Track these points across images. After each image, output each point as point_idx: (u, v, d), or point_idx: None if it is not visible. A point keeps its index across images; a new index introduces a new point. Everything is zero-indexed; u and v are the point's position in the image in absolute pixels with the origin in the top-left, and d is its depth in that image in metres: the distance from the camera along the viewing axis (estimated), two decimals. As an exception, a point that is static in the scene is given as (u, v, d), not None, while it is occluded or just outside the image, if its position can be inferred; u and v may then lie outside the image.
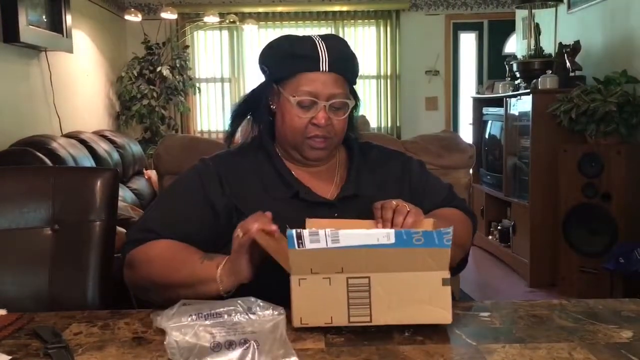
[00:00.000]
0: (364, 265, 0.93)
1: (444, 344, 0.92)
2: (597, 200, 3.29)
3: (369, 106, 6.13)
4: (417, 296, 0.95)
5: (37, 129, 3.43)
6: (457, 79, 6.34)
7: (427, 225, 1.07)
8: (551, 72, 3.71)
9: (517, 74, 4.08)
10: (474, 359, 0.87)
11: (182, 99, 5.46)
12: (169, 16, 5.17)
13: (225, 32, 5.98)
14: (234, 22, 5.38)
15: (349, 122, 1.29)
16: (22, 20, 3.16)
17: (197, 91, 5.77)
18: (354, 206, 1.22)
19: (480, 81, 6.06)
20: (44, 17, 3.52)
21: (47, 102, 3.76)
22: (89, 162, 3.34)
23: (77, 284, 1.31)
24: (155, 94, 5.18)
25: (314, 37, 1.21)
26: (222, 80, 6.04)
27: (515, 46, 5.43)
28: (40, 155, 2.82)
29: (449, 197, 1.36)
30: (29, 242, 1.33)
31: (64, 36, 3.71)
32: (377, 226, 1.06)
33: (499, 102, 4.20)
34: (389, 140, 2.77)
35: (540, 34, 4.07)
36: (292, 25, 5.97)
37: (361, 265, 0.93)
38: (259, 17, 5.85)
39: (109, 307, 1.22)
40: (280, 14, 5.96)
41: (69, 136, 3.57)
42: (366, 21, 6.07)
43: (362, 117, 5.19)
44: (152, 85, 5.20)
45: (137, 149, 4.37)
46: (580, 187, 3.33)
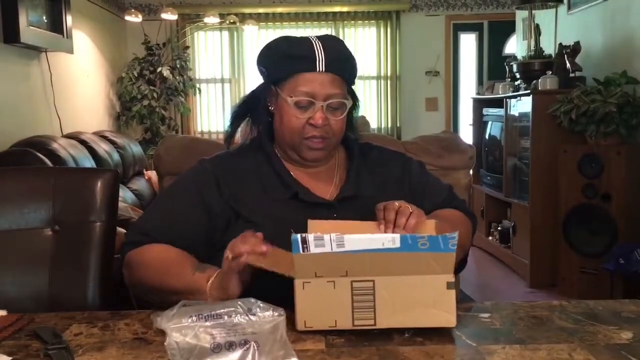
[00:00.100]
0: (369, 269, 0.93)
1: (444, 345, 0.92)
2: (597, 200, 3.29)
3: (369, 107, 6.13)
4: (422, 300, 0.95)
5: (38, 130, 3.43)
6: (457, 80, 6.34)
7: (429, 226, 1.07)
8: (551, 72, 3.71)
9: (517, 75, 4.08)
10: (474, 360, 0.87)
11: (183, 99, 5.46)
12: (170, 17, 5.17)
13: (225, 33, 5.98)
14: (234, 22, 5.39)
15: (348, 123, 1.29)
16: (23, 20, 3.16)
17: (198, 92, 5.78)
18: (353, 207, 1.21)
19: (480, 82, 6.06)
20: (44, 18, 3.53)
21: (48, 103, 3.76)
22: (89, 162, 3.35)
23: (77, 284, 1.31)
24: (155, 95, 5.18)
25: (311, 38, 1.21)
26: (223, 80, 6.04)
27: (515, 47, 5.43)
28: (40, 155, 2.82)
29: (448, 197, 1.36)
30: (30, 243, 1.33)
31: (64, 37, 3.71)
32: (380, 227, 1.06)
33: (499, 102, 4.20)
34: (389, 140, 2.77)
35: (540, 35, 4.07)
36: (292, 26, 5.98)
37: (366, 269, 0.93)
38: (259, 18, 5.86)
39: (109, 307, 1.22)
40: (280, 14, 5.96)
41: (70, 137, 3.57)
42: (366, 22, 6.07)
43: (362, 118, 5.19)
44: (152, 85, 5.20)
45: (137, 149, 4.37)
46: (580, 188, 3.33)
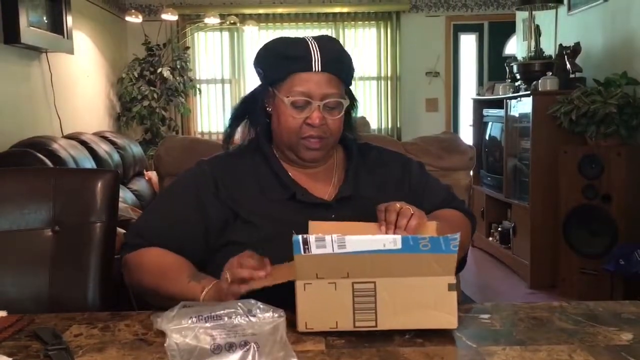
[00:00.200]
0: (370, 270, 0.93)
1: (445, 346, 0.92)
2: (598, 201, 3.29)
3: (369, 107, 6.13)
4: (423, 301, 0.94)
5: (38, 130, 3.43)
6: (457, 81, 6.34)
7: (430, 227, 1.07)
8: (551, 73, 3.71)
9: (518, 76, 4.08)
10: (474, 361, 0.87)
11: (183, 100, 5.46)
12: (170, 17, 5.17)
13: (225, 34, 5.99)
14: (234, 23, 5.39)
15: (347, 123, 1.29)
16: (23, 21, 3.16)
17: (198, 92, 5.78)
18: (352, 207, 1.22)
19: (480, 83, 6.06)
20: (45, 19, 3.53)
21: (48, 103, 3.76)
22: (89, 163, 3.35)
23: (77, 285, 1.31)
24: (155, 95, 5.18)
25: (306, 39, 1.21)
26: (223, 81, 6.04)
27: (515, 48, 5.43)
28: (41, 156, 2.82)
29: (448, 198, 1.36)
30: (30, 244, 1.33)
31: (64, 37, 3.72)
32: (380, 229, 1.06)
33: (499, 103, 4.20)
34: (389, 141, 2.77)
35: (540, 36, 4.07)
36: (293, 26, 5.98)
37: (367, 270, 0.93)
38: (259, 19, 5.86)
39: (109, 308, 1.22)
40: (280, 15, 5.96)
41: (70, 137, 3.57)
42: (366, 23, 6.07)
43: (362, 119, 5.19)
44: (152, 86, 5.21)
45: (137, 150, 4.37)
46: (580, 189, 3.33)
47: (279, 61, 1.21)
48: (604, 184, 3.27)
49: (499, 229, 4.27)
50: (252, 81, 5.79)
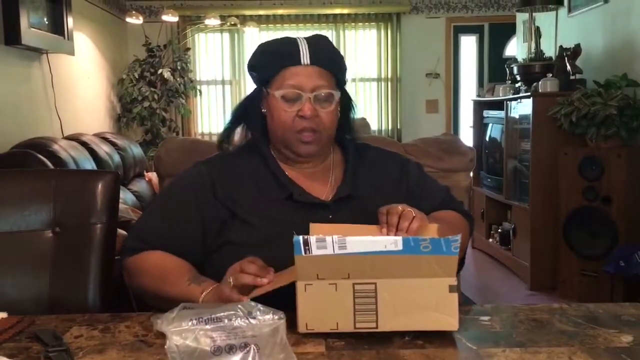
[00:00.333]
0: (371, 271, 0.93)
1: (445, 348, 0.92)
2: (598, 203, 3.29)
3: (369, 109, 6.14)
4: (424, 303, 0.94)
5: (38, 131, 3.43)
6: (457, 82, 6.34)
7: (431, 230, 1.07)
8: (552, 75, 3.71)
9: (518, 77, 4.08)
10: (474, 363, 0.87)
11: (183, 101, 5.46)
12: (170, 19, 5.18)
13: (226, 35, 5.99)
14: (235, 24, 5.39)
15: (345, 124, 1.31)
16: (24, 22, 3.16)
17: (198, 93, 5.78)
18: (350, 207, 1.22)
19: (480, 84, 6.06)
20: (45, 20, 3.53)
21: (48, 105, 3.76)
22: (90, 164, 3.35)
23: (77, 286, 1.31)
24: (156, 96, 5.18)
25: (296, 37, 1.25)
26: (223, 82, 6.05)
27: (515, 49, 5.43)
28: (41, 157, 2.82)
29: (446, 199, 1.37)
30: (30, 245, 1.33)
31: (65, 38, 3.72)
32: (382, 231, 1.06)
33: (499, 105, 4.20)
34: (389, 142, 2.77)
35: (540, 37, 4.07)
36: (293, 27, 5.99)
37: (368, 271, 0.93)
38: (259, 20, 5.87)
39: (109, 309, 1.22)
40: (281, 16, 5.97)
41: (70, 138, 3.57)
42: (367, 24, 6.07)
43: (363, 120, 5.19)
44: (153, 87, 5.21)
45: (138, 151, 4.37)
46: (580, 190, 3.33)
47: (269, 59, 1.24)
48: (604, 185, 3.27)
49: (499, 231, 4.27)
50: (252, 82, 5.78)
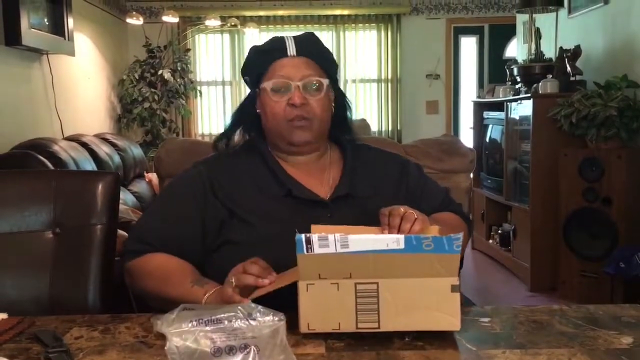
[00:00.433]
0: (373, 270, 0.93)
1: (445, 349, 0.92)
2: (598, 204, 3.29)
3: (369, 110, 6.14)
4: (426, 303, 0.94)
5: (39, 132, 3.43)
6: (457, 83, 6.35)
7: (433, 232, 1.07)
8: (552, 76, 3.71)
9: (518, 78, 4.08)
10: (474, 365, 0.87)
11: (183, 102, 5.46)
12: (171, 19, 5.18)
13: (226, 36, 6.00)
14: (235, 25, 5.39)
15: (342, 123, 1.33)
16: (24, 23, 3.16)
17: (198, 94, 5.78)
18: (348, 206, 1.23)
19: (480, 85, 6.06)
20: (46, 20, 3.53)
21: (49, 105, 3.76)
22: (90, 165, 3.35)
23: (78, 287, 1.31)
24: (156, 97, 5.18)
25: (284, 35, 1.29)
26: (224, 83, 6.05)
27: (515, 50, 5.43)
28: (41, 158, 2.82)
29: (446, 201, 1.38)
30: (30, 246, 1.33)
31: (65, 39, 3.72)
32: (383, 232, 1.06)
33: (499, 106, 4.20)
34: (389, 144, 2.78)
35: (540, 38, 4.07)
36: (293, 28, 5.99)
37: (370, 270, 0.93)
38: (260, 21, 5.87)
39: (110, 310, 1.22)
40: (281, 17, 5.97)
41: (70, 139, 3.57)
42: (367, 25, 6.08)
43: (363, 121, 5.20)
44: (153, 88, 5.21)
45: (138, 152, 4.37)
46: (580, 192, 3.33)
47: (259, 57, 1.28)
48: (604, 186, 3.27)
49: (499, 232, 4.27)
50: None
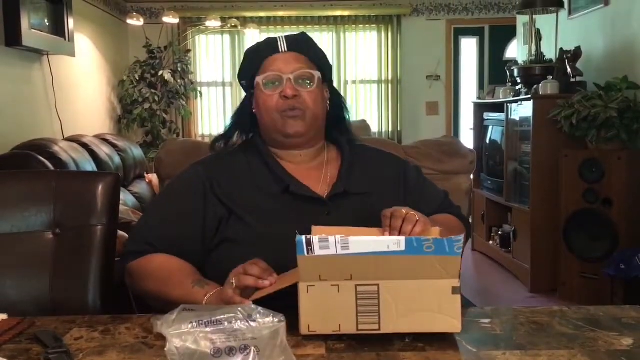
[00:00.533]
0: (373, 272, 0.93)
1: (445, 350, 0.92)
2: (598, 205, 3.29)
3: (369, 111, 6.14)
4: (427, 304, 0.94)
5: (39, 133, 3.44)
6: (458, 84, 6.35)
7: (434, 234, 1.07)
8: (552, 77, 3.71)
9: (518, 80, 4.08)
10: (475, 366, 0.87)
11: (184, 103, 5.47)
12: (171, 20, 5.18)
13: (227, 37, 6.00)
14: (235, 26, 5.40)
15: (340, 122, 1.35)
16: (25, 24, 3.17)
17: (199, 95, 5.79)
18: (346, 204, 1.24)
19: (481, 86, 6.07)
20: (46, 21, 3.53)
21: (49, 106, 3.76)
22: (90, 165, 3.34)
23: (78, 288, 1.31)
24: (156, 98, 5.19)
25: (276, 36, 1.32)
26: (224, 84, 6.05)
27: (516, 51, 5.43)
28: (41, 159, 2.82)
29: (445, 203, 1.39)
30: (30, 246, 1.33)
31: (66, 40, 3.72)
32: (385, 234, 1.06)
33: (499, 107, 4.20)
34: (389, 145, 2.78)
35: (541, 40, 4.07)
36: (294, 29, 5.99)
37: (370, 272, 0.93)
38: (260, 22, 5.87)
39: (110, 311, 1.22)
40: (281, 18, 5.97)
41: (71, 140, 3.57)
42: (367, 26, 6.08)
43: (363, 122, 5.20)
44: (153, 89, 5.21)
45: (138, 152, 4.37)
46: (581, 193, 3.33)
47: (252, 56, 1.31)
48: (604, 188, 3.27)
49: (500, 233, 4.27)
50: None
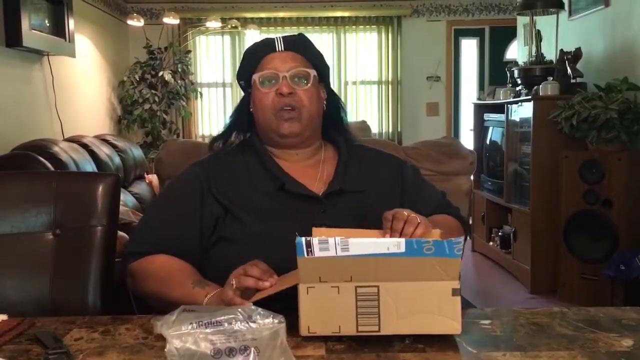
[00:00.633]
0: (373, 274, 0.93)
1: (445, 352, 0.92)
2: (598, 206, 3.29)
3: (370, 112, 6.14)
4: (426, 306, 0.94)
5: (39, 133, 3.44)
6: (458, 85, 6.35)
7: (435, 236, 1.07)
8: (552, 78, 3.71)
9: (518, 81, 4.08)
10: (475, 367, 0.87)
11: (184, 103, 5.47)
12: (171, 21, 5.19)
13: (227, 37, 6.00)
14: (235, 27, 5.40)
15: (337, 122, 1.35)
16: (25, 24, 3.17)
17: (199, 96, 5.79)
18: (342, 202, 1.24)
19: (481, 87, 6.07)
20: (47, 22, 3.54)
21: (49, 106, 3.76)
22: (90, 166, 3.34)
23: (78, 289, 1.31)
24: (156, 99, 5.19)
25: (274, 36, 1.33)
26: (224, 85, 6.06)
27: (516, 52, 5.43)
28: (42, 159, 2.82)
29: (442, 204, 1.39)
30: (31, 247, 1.33)
31: (66, 41, 3.72)
32: (386, 237, 1.06)
33: (500, 108, 4.20)
34: (389, 145, 2.78)
35: (541, 41, 4.07)
36: (294, 30, 5.98)
37: (370, 274, 0.93)
38: (260, 23, 5.87)
39: (110, 312, 1.22)
40: (282, 19, 5.98)
41: (71, 140, 3.57)
42: (368, 27, 6.08)
43: (363, 123, 5.20)
44: (153, 89, 5.21)
45: (138, 153, 4.36)
46: (581, 194, 3.33)
47: (250, 56, 1.32)
48: (604, 189, 3.27)
49: (500, 234, 4.27)
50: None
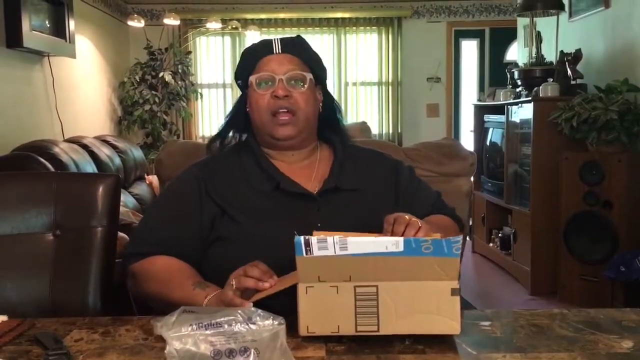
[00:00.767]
0: (372, 273, 0.93)
1: (445, 353, 0.92)
2: (598, 208, 3.29)
3: (370, 113, 6.15)
4: (426, 306, 0.94)
5: (39, 134, 3.44)
6: (458, 86, 6.35)
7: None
8: (552, 80, 3.71)
9: (519, 82, 4.08)
10: (475, 369, 0.87)
11: (184, 104, 5.47)
12: (172, 22, 5.19)
13: (227, 38, 6.01)
14: (236, 28, 5.40)
15: (333, 123, 1.36)
16: (25, 25, 3.17)
17: (199, 97, 5.79)
18: (336, 200, 1.25)
19: (481, 88, 6.07)
20: (47, 23, 3.54)
21: (50, 107, 3.77)
22: (90, 167, 3.34)
23: (78, 289, 1.31)
24: (157, 100, 5.19)
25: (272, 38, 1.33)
26: (224, 86, 6.06)
27: (516, 54, 5.44)
28: (42, 160, 2.82)
29: (438, 204, 1.39)
30: (31, 248, 1.33)
31: (67, 41, 3.73)
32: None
33: (500, 109, 4.20)
34: (389, 146, 2.77)
35: (541, 42, 4.07)
36: (294, 32, 5.99)
37: (369, 273, 0.93)
38: (261, 24, 5.88)
39: (110, 313, 1.22)
40: (282, 20, 5.98)
41: (71, 141, 3.57)
42: (368, 28, 6.09)
43: (363, 124, 5.19)
44: (154, 90, 5.22)
45: (138, 154, 4.37)
46: (581, 195, 3.33)
47: (248, 56, 1.32)
48: (604, 190, 3.27)
49: (500, 235, 4.27)
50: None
